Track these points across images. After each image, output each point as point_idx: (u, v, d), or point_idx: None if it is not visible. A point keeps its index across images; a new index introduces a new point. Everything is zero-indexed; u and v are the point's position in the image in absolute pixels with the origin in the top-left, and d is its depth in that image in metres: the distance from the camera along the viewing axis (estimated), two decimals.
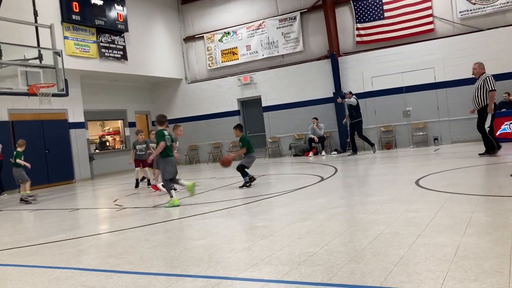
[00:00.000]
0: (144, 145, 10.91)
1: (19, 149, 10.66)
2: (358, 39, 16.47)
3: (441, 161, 10.54)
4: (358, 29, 16.44)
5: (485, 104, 9.62)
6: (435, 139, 15.24)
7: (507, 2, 14.18)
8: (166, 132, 7.72)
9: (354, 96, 14.82)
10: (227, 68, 19.03)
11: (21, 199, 10.43)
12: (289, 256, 3.77)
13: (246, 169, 8.86)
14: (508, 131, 13.05)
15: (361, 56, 16.32)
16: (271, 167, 13.82)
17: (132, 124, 19.21)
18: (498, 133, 12.87)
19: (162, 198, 8.55)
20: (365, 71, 16.17)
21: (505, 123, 13.08)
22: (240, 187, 8.81)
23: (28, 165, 10.51)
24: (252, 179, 8.91)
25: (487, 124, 9.74)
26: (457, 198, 5.56)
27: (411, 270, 3.10)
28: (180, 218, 6.25)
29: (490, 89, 9.53)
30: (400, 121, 15.72)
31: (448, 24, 15.11)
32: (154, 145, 10.63)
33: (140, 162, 10.86)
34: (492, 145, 9.75)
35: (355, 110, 14.46)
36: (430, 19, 15.26)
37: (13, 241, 5.91)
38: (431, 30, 15.29)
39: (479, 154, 9.98)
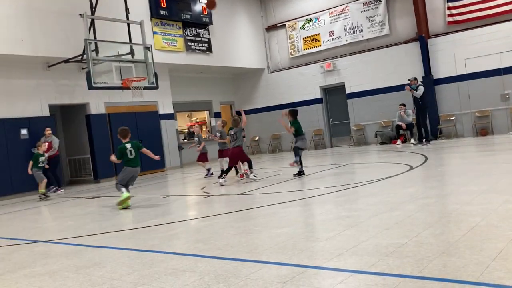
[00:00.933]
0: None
1: (40, 151, 10.88)
2: (450, 19, 15.45)
3: None
4: (449, 8, 15.42)
5: None
6: None
7: None
8: (128, 145, 7.88)
9: (421, 83, 14.14)
10: (310, 56, 18.84)
11: (40, 197, 10.85)
12: (376, 247, 3.66)
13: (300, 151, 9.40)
14: None
15: (453, 37, 15.31)
16: (356, 155, 13.52)
17: (217, 115, 19.76)
18: None
19: (247, 186, 8.71)
20: (458, 53, 15.16)
21: None
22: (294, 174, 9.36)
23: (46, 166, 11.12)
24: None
25: None
26: None
27: None
28: (264, 206, 6.33)
29: None
30: (497, 105, 14.56)
31: None
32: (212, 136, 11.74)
33: (221, 152, 11.34)
34: None
35: (420, 98, 13.76)
36: None
37: (111, 225, 6.37)
38: None
39: None
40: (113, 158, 8.03)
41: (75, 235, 5.87)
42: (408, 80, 14.63)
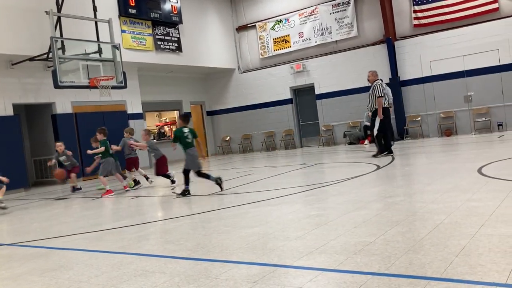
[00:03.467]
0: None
1: None
2: (416, 22, 15.84)
3: (506, 148, 10.01)
4: (415, 11, 15.81)
5: (375, 108, 10.54)
6: (499, 125, 14.46)
7: None
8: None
9: (386, 84, 14.70)
10: (280, 57, 18.95)
11: None
12: (345, 245, 3.73)
13: (189, 174, 7.71)
14: None
15: (419, 40, 15.71)
16: (325, 155, 13.68)
17: (188, 115, 19.62)
18: None
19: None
20: (423, 55, 15.56)
21: None
22: (177, 194, 7.76)
23: None
24: (186, 192, 7.68)
25: (376, 128, 10.55)
26: None
27: (474, 262, 2.98)
28: (235, 206, 6.34)
29: (378, 95, 10.41)
30: (461, 106, 15.03)
31: None
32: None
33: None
34: (381, 147, 10.61)
35: (385, 100, 14.23)
36: None
37: (79, 227, 6.24)
38: (496, 9, 14.43)
39: (373, 156, 10.70)
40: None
41: (41, 237, 5.72)
42: None
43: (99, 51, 12.68)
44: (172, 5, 16.80)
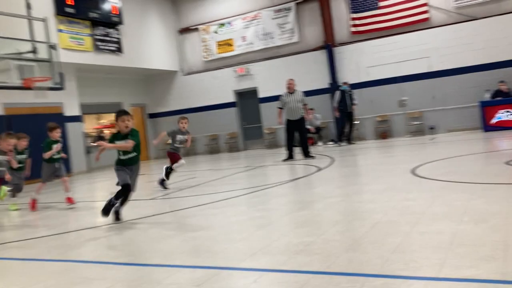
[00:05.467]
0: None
1: None
2: (353, 29, 16.42)
3: (437, 150, 10.59)
4: (353, 19, 16.38)
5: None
6: (431, 128, 15.29)
7: None
8: None
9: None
10: (223, 60, 18.95)
11: None
12: (287, 245, 3.80)
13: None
14: (504, 119, 13.11)
15: (357, 46, 16.29)
16: (268, 158, 13.83)
17: None
18: (494, 121, 13.09)
19: (160, 192, 8.56)
20: (361, 61, 16.16)
21: (500, 111, 13.14)
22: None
23: None
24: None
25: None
26: (453, 186, 5.59)
27: (408, 258, 3.14)
28: (178, 210, 6.27)
29: (304, 103, 11.52)
30: (396, 110, 15.76)
31: (443, 13, 15.08)
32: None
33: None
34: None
35: (351, 99, 14.78)
36: (425, 8, 15.21)
37: (13, 235, 5.92)
38: (426, 19, 15.26)
39: (283, 160, 11.58)
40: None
41: None
42: (339, 84, 15.47)
43: (34, 50, 12.11)
44: (112, 5, 16.36)
